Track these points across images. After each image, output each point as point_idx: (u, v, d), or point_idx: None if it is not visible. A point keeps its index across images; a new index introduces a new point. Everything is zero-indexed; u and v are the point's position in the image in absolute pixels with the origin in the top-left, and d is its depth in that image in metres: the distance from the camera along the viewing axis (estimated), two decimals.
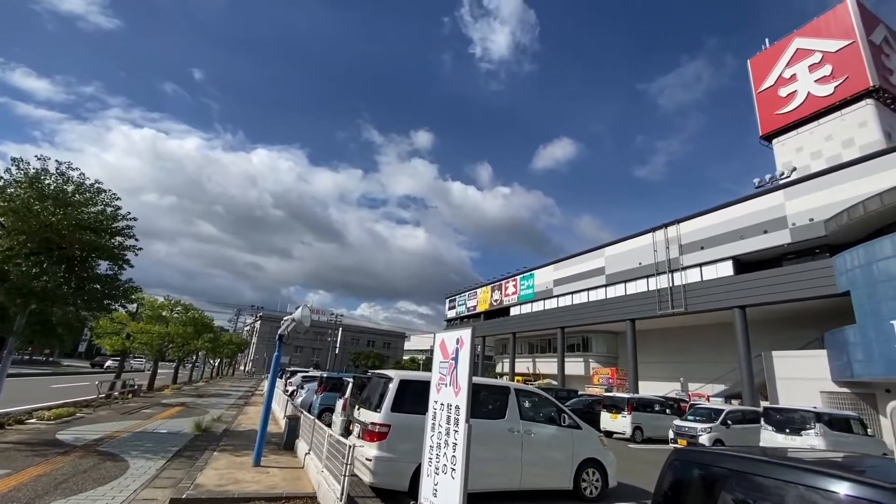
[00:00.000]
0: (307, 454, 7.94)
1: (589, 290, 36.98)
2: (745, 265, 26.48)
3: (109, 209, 10.01)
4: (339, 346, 72.91)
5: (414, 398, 6.46)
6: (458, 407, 3.78)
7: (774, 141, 37.16)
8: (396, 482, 6.34)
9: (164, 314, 24.34)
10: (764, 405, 18.34)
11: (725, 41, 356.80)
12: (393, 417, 6.55)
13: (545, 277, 42.90)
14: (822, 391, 21.25)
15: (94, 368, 41.85)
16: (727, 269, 26.84)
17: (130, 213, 10.48)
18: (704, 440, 14.84)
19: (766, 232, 25.21)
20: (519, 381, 38.52)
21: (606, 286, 35.30)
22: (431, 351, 5.20)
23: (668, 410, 19.54)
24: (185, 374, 40.82)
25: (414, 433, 5.75)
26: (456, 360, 4.02)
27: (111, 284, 10.43)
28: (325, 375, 15.70)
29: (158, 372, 24.34)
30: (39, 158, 9.17)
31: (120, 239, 10.39)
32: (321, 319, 73.41)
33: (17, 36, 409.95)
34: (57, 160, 9.32)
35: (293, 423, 9.85)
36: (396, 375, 7.01)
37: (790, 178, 27.88)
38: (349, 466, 5.33)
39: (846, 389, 20.76)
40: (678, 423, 16.49)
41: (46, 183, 9.02)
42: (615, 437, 17.61)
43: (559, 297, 40.46)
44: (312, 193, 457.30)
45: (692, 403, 22.01)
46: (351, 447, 5.46)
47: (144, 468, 7.40)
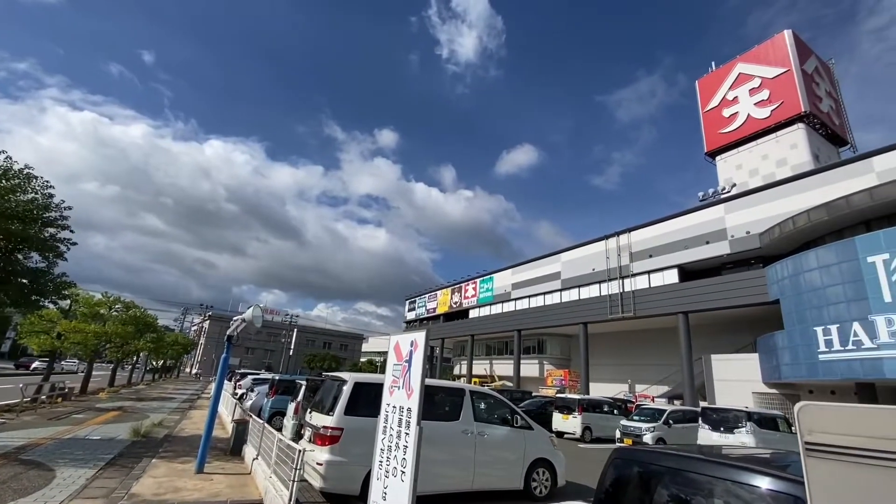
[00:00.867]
0: (255, 459, 7.67)
1: (545, 293, 37.95)
2: (689, 273, 28.08)
3: (40, 197, 9.26)
4: (293, 347, 70.80)
5: (368, 401, 6.37)
6: (409, 409, 3.78)
7: (718, 158, 39.73)
8: (348, 486, 6.25)
9: (101, 312, 22.85)
10: (702, 405, 19.49)
11: (680, 59, 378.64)
12: (346, 421, 6.44)
13: (504, 281, 43.63)
14: (753, 392, 22.87)
15: (18, 370, 38.60)
16: (673, 276, 28.36)
17: (65, 202, 9.76)
18: (648, 439, 15.63)
19: (708, 243, 26.86)
20: (476, 382, 38.89)
21: (562, 290, 36.35)
22: None
23: (615, 411, 20.33)
24: (124, 376, 38.36)
25: (367, 436, 5.65)
26: (409, 362, 4.02)
27: (41, 279, 9.66)
28: (276, 378, 15.23)
29: (94, 374, 22.75)
30: None
31: (52, 230, 9.65)
32: (275, 320, 71.12)
33: None
34: None
35: (241, 427, 9.48)
36: (351, 378, 6.90)
37: (730, 193, 29.87)
38: (298, 471, 5.21)
39: (775, 390, 22.44)
40: (624, 423, 17.27)
41: None
42: (566, 437, 18.11)
43: (517, 300, 41.25)
44: (270, 189, 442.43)
45: (638, 404, 23.07)
46: (301, 451, 5.34)
47: (73, 477, 6.88)
